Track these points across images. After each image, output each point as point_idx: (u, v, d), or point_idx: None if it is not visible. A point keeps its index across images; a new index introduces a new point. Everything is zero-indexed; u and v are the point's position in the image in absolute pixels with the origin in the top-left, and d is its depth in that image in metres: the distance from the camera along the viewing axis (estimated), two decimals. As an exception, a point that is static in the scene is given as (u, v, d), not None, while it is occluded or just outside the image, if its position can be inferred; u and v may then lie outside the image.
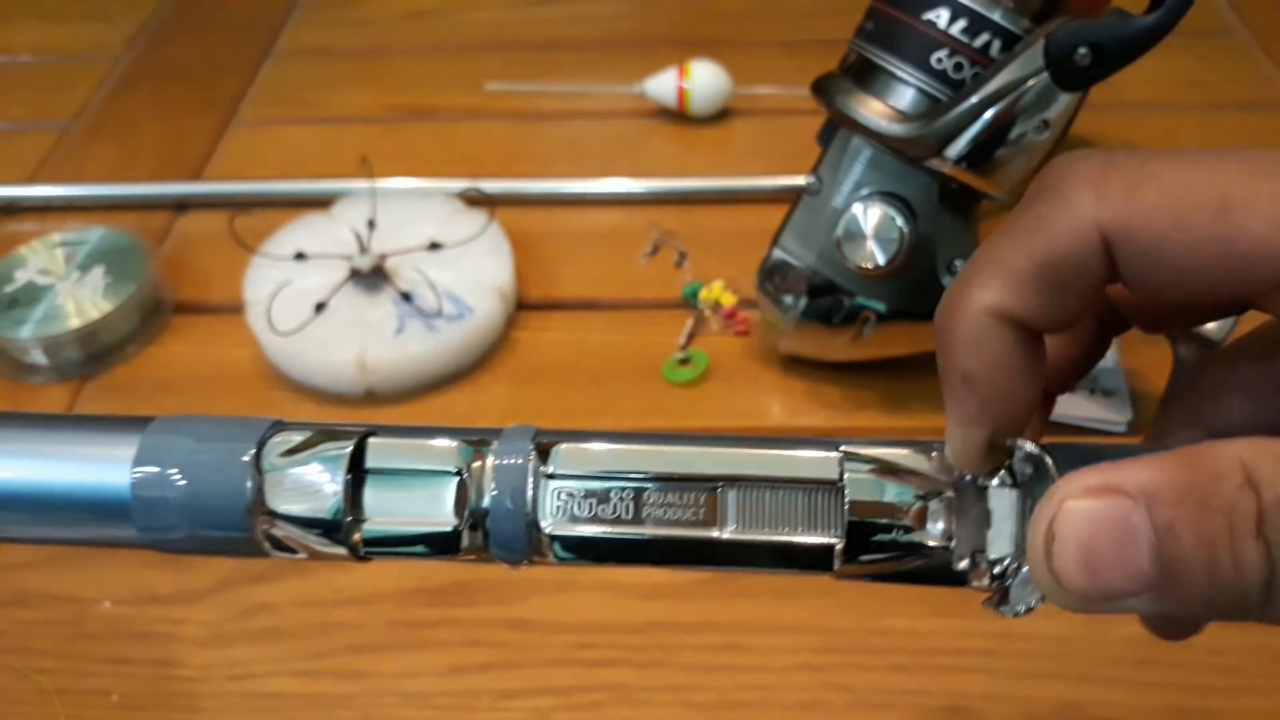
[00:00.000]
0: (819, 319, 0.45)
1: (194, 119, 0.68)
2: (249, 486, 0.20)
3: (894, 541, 0.20)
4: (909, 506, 0.20)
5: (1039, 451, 0.19)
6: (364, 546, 0.21)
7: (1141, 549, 0.16)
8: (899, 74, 0.41)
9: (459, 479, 0.20)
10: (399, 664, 0.40)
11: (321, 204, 0.56)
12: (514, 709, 0.38)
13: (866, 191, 0.43)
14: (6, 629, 0.41)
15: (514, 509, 0.20)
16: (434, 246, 0.52)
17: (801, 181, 0.45)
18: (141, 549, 0.21)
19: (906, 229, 0.42)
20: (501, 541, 0.21)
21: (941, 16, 0.40)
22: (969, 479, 0.20)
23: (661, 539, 0.20)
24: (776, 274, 0.45)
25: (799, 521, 0.20)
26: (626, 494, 0.20)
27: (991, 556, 0.19)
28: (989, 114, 0.39)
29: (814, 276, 0.44)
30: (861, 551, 0.20)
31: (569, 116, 0.67)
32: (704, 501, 0.20)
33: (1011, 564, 0.19)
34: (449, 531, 0.20)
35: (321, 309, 0.50)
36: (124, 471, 0.20)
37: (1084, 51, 0.37)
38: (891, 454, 0.20)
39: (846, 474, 0.20)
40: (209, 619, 0.41)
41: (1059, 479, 0.18)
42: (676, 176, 0.59)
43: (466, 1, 0.78)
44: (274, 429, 0.21)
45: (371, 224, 0.53)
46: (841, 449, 0.20)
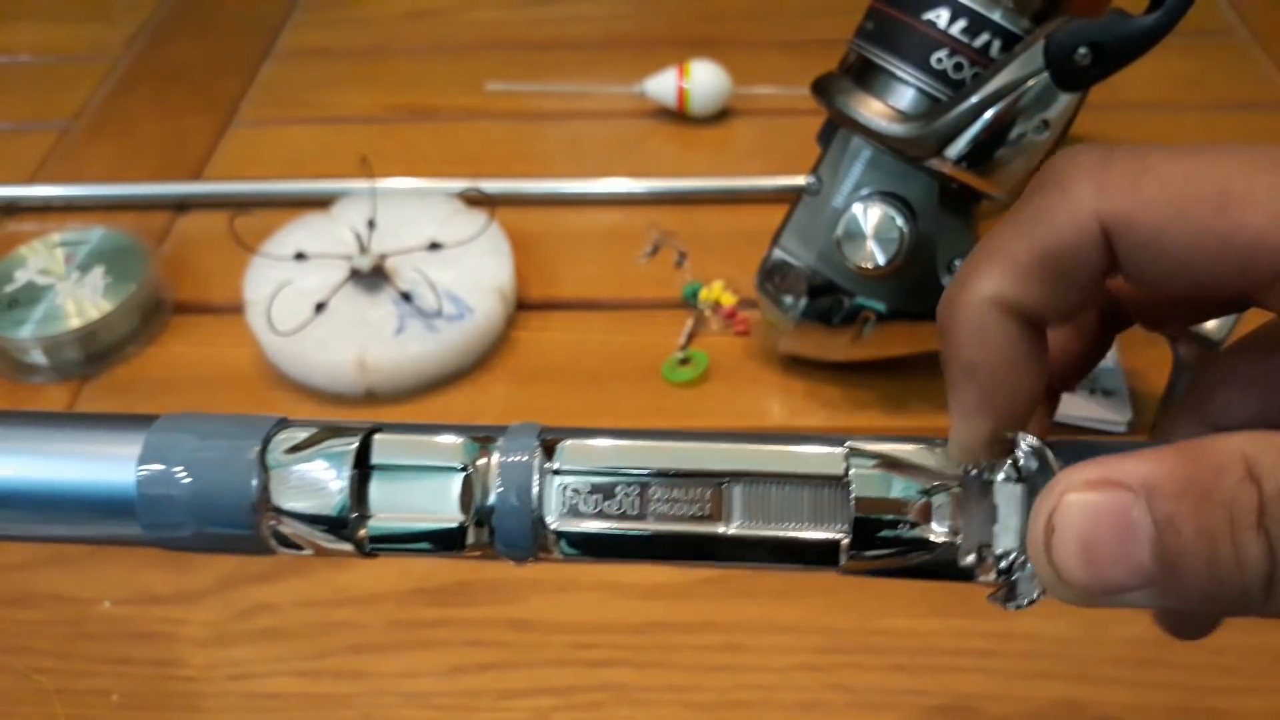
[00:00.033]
0: (819, 319, 0.45)
1: (194, 119, 0.68)
2: (254, 484, 0.20)
3: (900, 537, 0.20)
4: (914, 502, 0.20)
5: (1041, 445, 0.19)
6: (370, 543, 0.21)
7: (1142, 543, 0.16)
8: (899, 74, 0.41)
9: (465, 475, 0.20)
10: (399, 664, 0.39)
11: (321, 204, 0.56)
12: (514, 709, 0.38)
13: (866, 191, 0.43)
14: (6, 629, 0.41)
15: (519, 505, 0.20)
16: (434, 246, 0.52)
17: (801, 181, 0.45)
18: (147, 546, 0.21)
19: (906, 229, 0.42)
20: (507, 538, 0.20)
21: (941, 16, 0.40)
22: (974, 474, 0.20)
23: (667, 534, 0.20)
24: (776, 274, 0.45)
25: (804, 517, 0.20)
26: (632, 490, 0.20)
27: (997, 551, 0.19)
28: (989, 114, 0.39)
29: (814, 276, 0.44)
30: (867, 547, 0.20)
31: (569, 116, 0.67)
32: (709, 497, 0.20)
33: (1018, 558, 0.19)
34: (455, 528, 0.20)
35: (321, 309, 0.50)
36: (129, 469, 0.20)
37: (1084, 51, 0.37)
38: (897, 450, 0.20)
39: (852, 470, 0.20)
40: (209, 619, 0.41)
41: (1059, 472, 0.18)
42: (676, 176, 0.59)
43: (466, 1, 0.78)
44: (279, 426, 0.21)
45: (371, 224, 0.53)
46: (847, 445, 0.20)
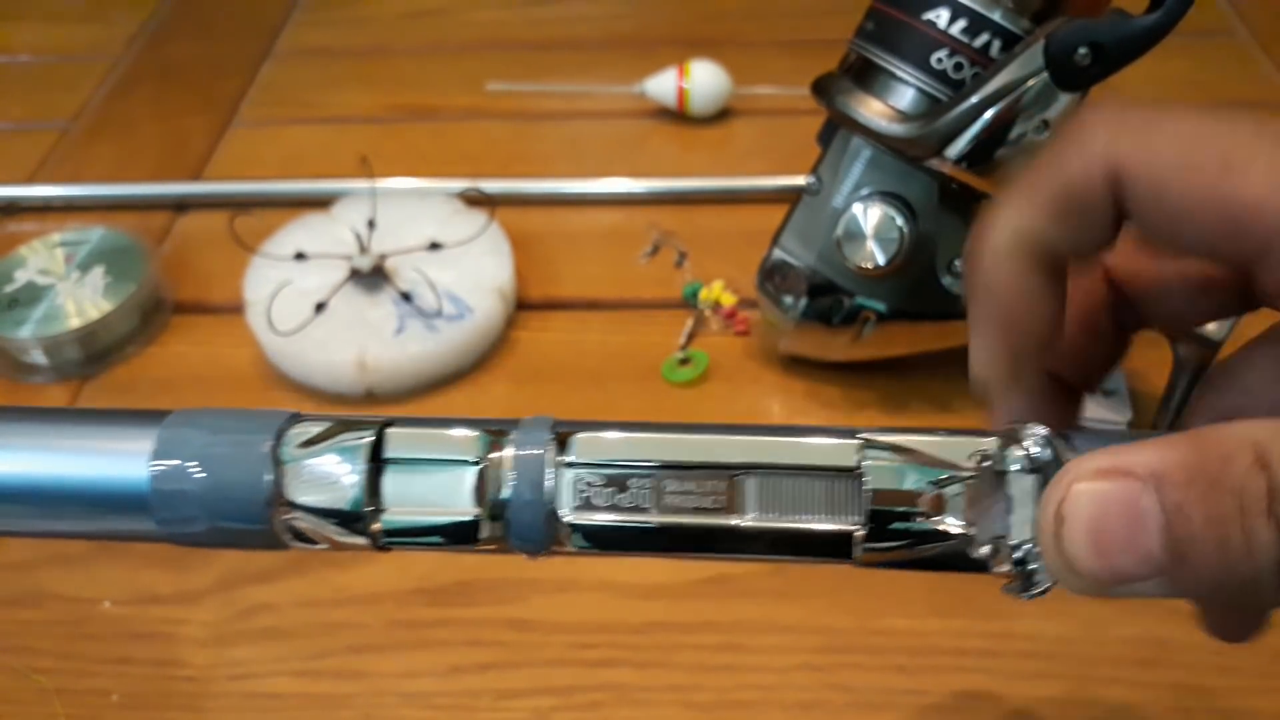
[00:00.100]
0: (819, 319, 0.45)
1: (194, 119, 0.68)
2: (268, 478, 0.20)
3: (914, 529, 0.20)
4: (929, 493, 0.20)
5: (1052, 435, 0.19)
6: (384, 536, 0.21)
7: (1151, 531, 0.16)
8: (899, 74, 0.41)
9: (479, 469, 0.20)
10: (399, 664, 0.39)
11: (321, 204, 0.56)
12: (514, 709, 0.38)
13: (866, 191, 0.43)
14: (6, 629, 0.41)
15: (533, 498, 0.20)
16: (434, 246, 0.52)
17: (801, 181, 0.45)
18: (160, 542, 0.21)
19: (906, 229, 0.42)
20: (521, 531, 0.20)
21: (941, 16, 0.40)
22: (988, 465, 0.20)
23: (680, 527, 0.20)
24: (776, 274, 0.45)
25: (819, 509, 0.20)
26: (645, 482, 0.20)
27: (1012, 542, 0.19)
28: (989, 114, 0.39)
29: (814, 276, 0.44)
30: (882, 538, 0.20)
31: (569, 116, 0.67)
32: (723, 489, 0.20)
33: (1032, 549, 0.19)
34: (469, 521, 0.20)
35: (321, 309, 0.50)
36: (142, 465, 0.20)
37: (1084, 51, 0.37)
38: (911, 441, 0.20)
39: (866, 461, 0.20)
40: (209, 619, 0.41)
41: (1069, 462, 0.18)
42: (676, 176, 0.59)
43: (466, 1, 0.78)
44: (292, 421, 0.21)
45: (371, 224, 0.53)
46: (861, 436, 0.20)
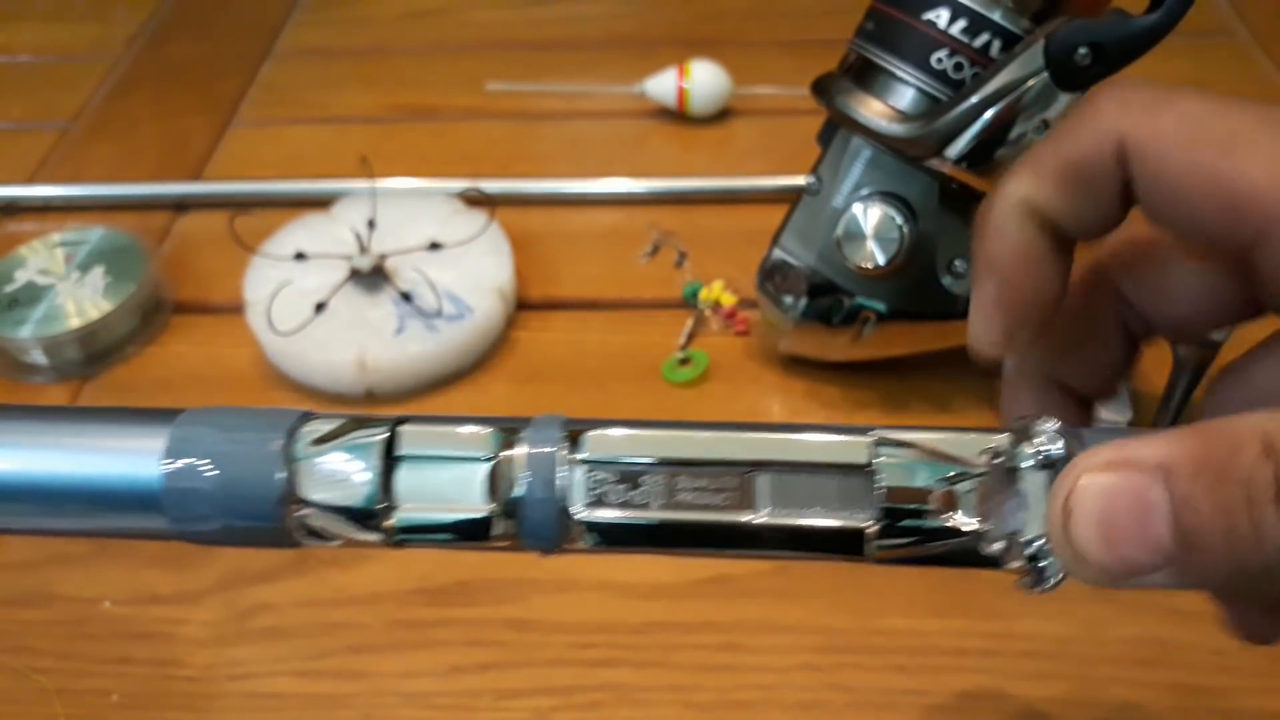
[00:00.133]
0: (819, 319, 0.45)
1: (194, 119, 0.68)
2: (280, 476, 0.20)
3: (927, 526, 0.20)
4: (941, 490, 0.20)
5: (1061, 430, 0.19)
6: (397, 533, 0.21)
7: (1160, 522, 0.17)
8: (899, 74, 0.41)
9: (491, 466, 0.20)
10: (399, 664, 0.39)
11: (321, 204, 0.56)
12: (514, 709, 0.38)
13: (866, 191, 0.43)
14: (7, 629, 0.41)
15: (546, 496, 0.20)
16: (434, 246, 0.52)
17: (801, 181, 0.45)
18: (171, 540, 0.21)
19: (906, 229, 0.42)
20: (533, 528, 0.20)
21: (941, 16, 0.40)
22: (1000, 461, 0.20)
23: (693, 523, 0.20)
24: (776, 274, 0.45)
25: (831, 506, 0.20)
26: (657, 480, 0.20)
27: (1024, 538, 0.19)
28: (989, 114, 0.39)
29: (814, 276, 0.44)
30: (894, 535, 0.20)
31: (569, 116, 0.67)
32: (736, 486, 0.20)
33: (1045, 545, 0.19)
34: (482, 518, 0.20)
35: (321, 309, 0.50)
36: (154, 463, 0.20)
37: (1084, 51, 0.37)
38: (923, 438, 0.20)
39: (878, 458, 0.20)
40: (209, 619, 0.41)
41: (1077, 455, 0.18)
42: (676, 176, 0.59)
43: (466, 1, 0.78)
44: (303, 419, 0.21)
45: (371, 224, 0.53)
46: (873, 433, 0.21)
